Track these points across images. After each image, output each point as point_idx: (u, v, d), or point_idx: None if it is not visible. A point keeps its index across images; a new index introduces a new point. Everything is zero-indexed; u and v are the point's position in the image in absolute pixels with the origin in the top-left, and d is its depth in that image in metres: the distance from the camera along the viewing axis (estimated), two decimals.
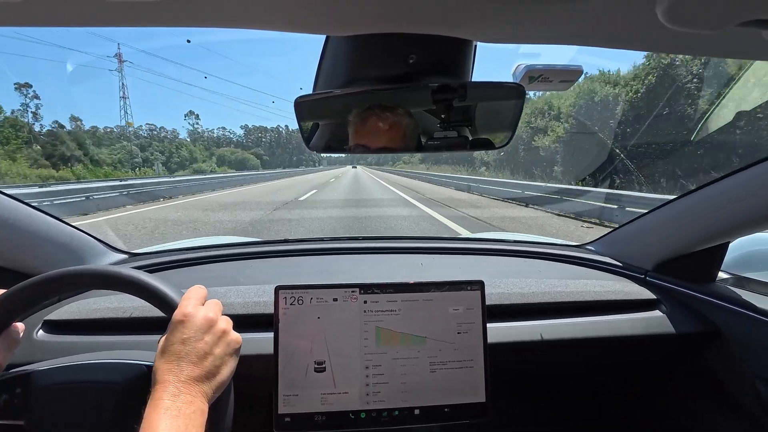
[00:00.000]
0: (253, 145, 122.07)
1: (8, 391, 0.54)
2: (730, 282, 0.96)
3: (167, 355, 0.48)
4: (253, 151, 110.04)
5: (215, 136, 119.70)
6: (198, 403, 0.45)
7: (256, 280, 0.95)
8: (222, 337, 0.52)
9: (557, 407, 1.16)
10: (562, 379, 1.12)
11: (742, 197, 0.77)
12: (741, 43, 0.46)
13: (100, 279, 0.54)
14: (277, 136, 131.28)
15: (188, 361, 0.47)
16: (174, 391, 0.45)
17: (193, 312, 0.51)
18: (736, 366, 0.85)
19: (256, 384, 0.68)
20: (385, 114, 0.66)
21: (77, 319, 0.80)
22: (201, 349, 0.49)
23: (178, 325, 0.49)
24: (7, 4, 0.37)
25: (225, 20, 0.43)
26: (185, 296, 0.54)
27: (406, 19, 0.44)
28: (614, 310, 0.92)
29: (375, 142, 0.68)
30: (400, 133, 0.68)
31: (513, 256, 1.20)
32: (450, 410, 0.69)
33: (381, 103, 0.66)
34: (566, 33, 0.47)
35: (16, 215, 0.79)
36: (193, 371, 0.47)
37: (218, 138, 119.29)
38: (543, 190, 10.71)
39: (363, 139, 0.68)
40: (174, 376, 0.46)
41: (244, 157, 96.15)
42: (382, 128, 0.67)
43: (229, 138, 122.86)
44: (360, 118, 0.67)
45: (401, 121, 0.67)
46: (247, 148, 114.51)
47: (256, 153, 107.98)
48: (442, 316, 0.71)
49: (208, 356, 0.49)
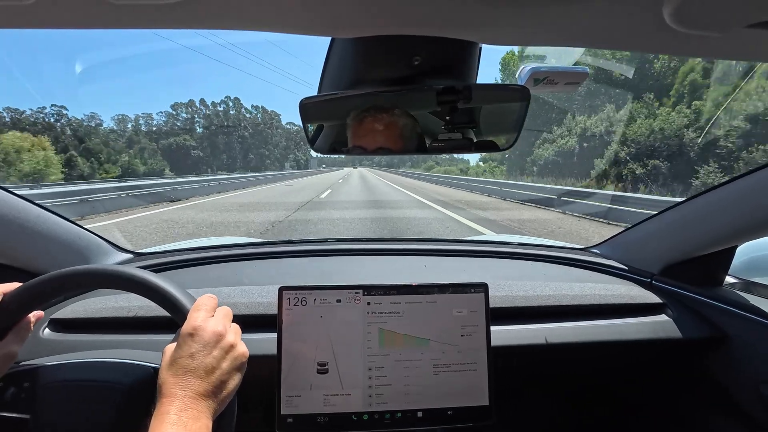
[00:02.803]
0: (181, 131, 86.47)
1: (17, 384, 0.55)
2: (737, 287, 0.95)
3: (175, 369, 0.48)
4: (169, 142, 75.95)
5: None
6: (204, 419, 0.46)
7: (260, 280, 0.95)
8: (230, 351, 0.52)
9: (561, 411, 1.15)
10: (566, 382, 1.11)
11: (750, 201, 0.76)
12: (748, 45, 0.46)
13: (113, 279, 0.55)
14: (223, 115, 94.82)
15: (196, 375, 0.47)
16: (181, 405, 0.45)
17: (203, 325, 0.51)
18: (742, 371, 0.84)
19: (258, 385, 0.69)
20: (380, 115, 0.66)
21: (83, 318, 0.81)
22: (209, 364, 0.49)
23: (187, 339, 0.49)
24: (17, 7, 0.37)
25: (231, 22, 0.43)
26: (195, 306, 0.53)
27: (411, 22, 0.44)
28: (620, 313, 0.91)
29: (371, 143, 0.68)
30: (396, 133, 0.68)
31: (517, 259, 1.20)
32: (453, 413, 0.69)
33: (377, 104, 0.66)
34: (571, 35, 0.47)
35: (26, 215, 0.80)
36: (200, 386, 0.47)
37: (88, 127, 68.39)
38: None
39: (360, 140, 0.68)
40: (181, 390, 0.46)
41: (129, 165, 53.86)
42: (378, 129, 0.67)
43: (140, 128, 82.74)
44: (356, 120, 0.67)
45: (397, 121, 0.67)
46: (167, 137, 79.60)
47: (183, 143, 74.49)
48: (445, 318, 0.71)
49: (215, 371, 0.49)
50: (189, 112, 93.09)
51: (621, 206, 7.55)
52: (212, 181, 19.70)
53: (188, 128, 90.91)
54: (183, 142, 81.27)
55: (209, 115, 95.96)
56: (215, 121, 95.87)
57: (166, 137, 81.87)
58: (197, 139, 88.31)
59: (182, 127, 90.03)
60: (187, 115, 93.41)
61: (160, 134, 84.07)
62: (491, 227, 6.89)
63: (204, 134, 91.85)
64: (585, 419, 1.15)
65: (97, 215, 8.67)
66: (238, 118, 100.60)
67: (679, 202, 0.95)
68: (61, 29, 0.43)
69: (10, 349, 0.53)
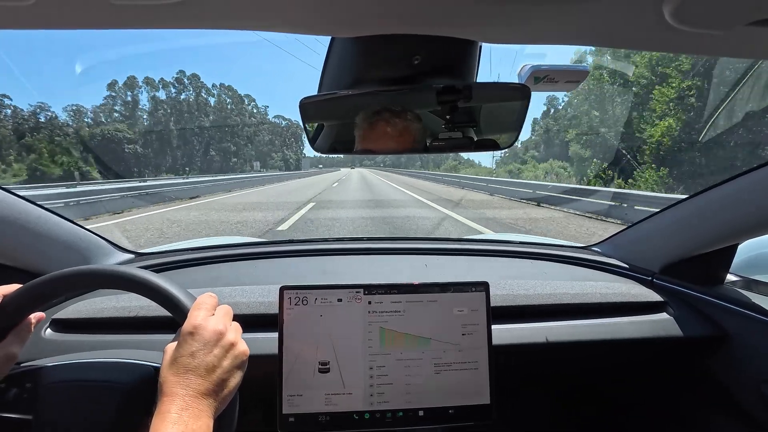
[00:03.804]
0: (117, 121, 62.74)
1: (19, 385, 0.55)
2: (738, 285, 0.95)
3: (176, 367, 0.48)
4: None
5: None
6: (205, 418, 0.46)
7: (261, 280, 0.95)
8: (230, 349, 0.52)
9: (562, 410, 1.15)
10: (567, 381, 1.11)
11: (751, 199, 0.76)
12: (750, 43, 0.46)
13: (114, 279, 0.55)
14: (187, 107, 71.76)
15: (197, 374, 0.47)
16: (182, 404, 0.45)
17: (203, 324, 0.51)
18: (743, 369, 0.84)
19: (260, 384, 0.69)
20: (394, 120, 0.66)
21: (84, 318, 0.81)
22: (209, 363, 0.49)
23: (188, 337, 0.49)
24: (17, 7, 0.37)
25: (231, 22, 0.43)
26: (195, 305, 0.53)
27: (410, 20, 0.44)
28: (620, 312, 0.91)
29: (381, 146, 0.68)
30: (410, 138, 0.68)
31: (518, 258, 1.20)
32: (454, 412, 0.69)
33: (389, 107, 0.66)
34: (572, 33, 0.47)
35: (27, 216, 0.80)
36: (201, 385, 0.47)
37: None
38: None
39: (371, 143, 0.68)
40: (182, 389, 0.46)
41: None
42: (392, 134, 0.67)
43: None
44: (368, 123, 0.67)
45: (411, 126, 0.67)
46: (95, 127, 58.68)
47: (114, 135, 53.55)
48: (446, 317, 0.71)
49: (216, 369, 0.49)
50: (130, 95, 67.84)
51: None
52: (133, 190, 11.89)
53: (128, 115, 66.93)
54: (114, 133, 56.46)
55: (157, 99, 71.37)
56: (165, 106, 70.94)
57: (96, 127, 59.31)
58: (142, 131, 64.40)
59: (122, 114, 66.70)
60: (125, 99, 68.56)
61: (93, 125, 62.49)
62: None
63: (150, 123, 67.73)
64: (584, 418, 1.15)
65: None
66: (197, 102, 74.08)
67: (680, 199, 0.95)
68: (61, 30, 0.43)
69: (10, 350, 0.53)
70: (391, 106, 0.66)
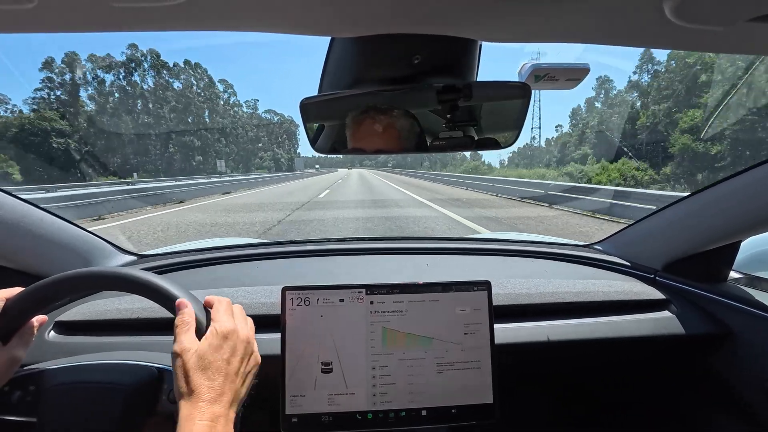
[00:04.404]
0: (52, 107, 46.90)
1: (23, 388, 0.55)
2: (741, 282, 0.94)
3: (210, 372, 0.47)
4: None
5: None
6: (231, 424, 0.47)
7: (263, 281, 0.95)
8: (252, 354, 0.53)
9: (565, 408, 1.15)
10: (569, 379, 1.11)
11: (754, 195, 0.75)
12: (751, 39, 0.45)
13: (116, 281, 0.55)
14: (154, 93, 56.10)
15: (230, 380, 0.48)
16: (217, 411, 0.45)
17: (235, 328, 0.51)
18: (746, 367, 0.83)
19: (262, 384, 0.69)
20: (379, 117, 0.67)
21: (88, 320, 0.81)
22: (241, 370, 0.50)
23: (223, 343, 0.49)
24: (19, 11, 0.37)
25: (231, 22, 0.43)
26: (216, 309, 0.53)
27: (410, 20, 0.44)
28: (623, 310, 0.91)
29: (370, 144, 0.68)
30: (394, 135, 0.68)
31: (520, 257, 1.20)
32: (457, 411, 0.69)
33: (376, 105, 0.66)
34: (572, 31, 0.47)
35: (28, 219, 0.80)
36: (235, 392, 0.48)
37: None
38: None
39: (359, 142, 0.69)
40: (217, 394, 0.46)
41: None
42: (376, 131, 0.67)
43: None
44: (355, 121, 0.68)
45: (395, 123, 0.68)
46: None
47: (40, 126, 40.12)
48: (448, 316, 0.71)
49: (246, 376, 0.51)
50: (69, 77, 51.22)
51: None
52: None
53: (67, 100, 51.60)
54: (39, 124, 42.98)
55: (101, 79, 55.57)
56: (112, 88, 55.07)
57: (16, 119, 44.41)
58: (80, 120, 49.83)
59: (58, 100, 51.03)
60: (63, 80, 51.77)
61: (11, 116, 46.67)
62: None
63: (94, 110, 53.12)
64: (585, 416, 1.14)
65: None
66: (157, 83, 57.94)
67: (682, 197, 0.94)
68: (63, 33, 0.44)
69: (14, 353, 0.53)
70: (377, 104, 0.66)
